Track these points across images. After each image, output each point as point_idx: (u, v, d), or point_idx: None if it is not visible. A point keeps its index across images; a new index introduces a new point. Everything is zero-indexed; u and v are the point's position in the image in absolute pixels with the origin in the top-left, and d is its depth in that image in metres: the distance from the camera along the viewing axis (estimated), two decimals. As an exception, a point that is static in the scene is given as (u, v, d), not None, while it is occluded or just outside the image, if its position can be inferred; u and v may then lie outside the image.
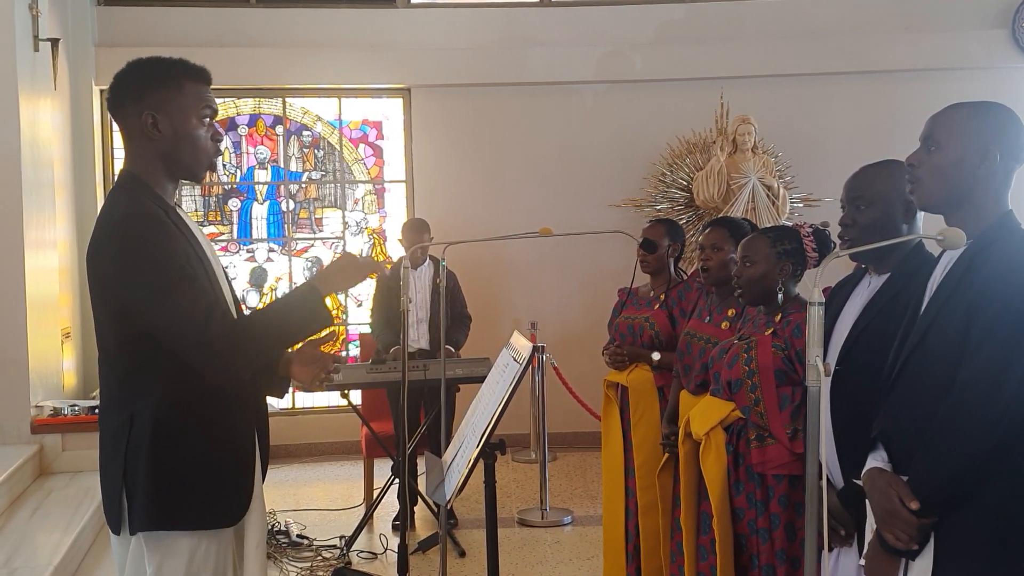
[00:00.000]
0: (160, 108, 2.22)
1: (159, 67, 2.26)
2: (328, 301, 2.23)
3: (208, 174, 2.39)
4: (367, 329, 6.43)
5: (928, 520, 1.99)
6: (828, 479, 2.43)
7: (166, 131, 2.23)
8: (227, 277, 2.41)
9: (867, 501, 2.20)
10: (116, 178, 2.32)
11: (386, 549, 5.19)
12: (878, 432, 2.18)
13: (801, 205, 7.27)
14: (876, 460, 2.15)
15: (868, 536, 2.20)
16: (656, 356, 4.00)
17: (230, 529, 2.25)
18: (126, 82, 2.25)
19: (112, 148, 7.48)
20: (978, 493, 1.97)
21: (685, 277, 4.27)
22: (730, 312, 3.52)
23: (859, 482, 2.25)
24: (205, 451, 2.19)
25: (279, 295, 2.22)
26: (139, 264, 2.10)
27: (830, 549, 2.49)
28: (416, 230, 5.79)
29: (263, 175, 7.81)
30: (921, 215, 2.52)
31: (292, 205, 7.79)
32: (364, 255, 4.83)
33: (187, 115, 2.24)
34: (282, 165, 7.79)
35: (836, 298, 2.62)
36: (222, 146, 2.38)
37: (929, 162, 2.15)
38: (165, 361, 2.14)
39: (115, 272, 2.13)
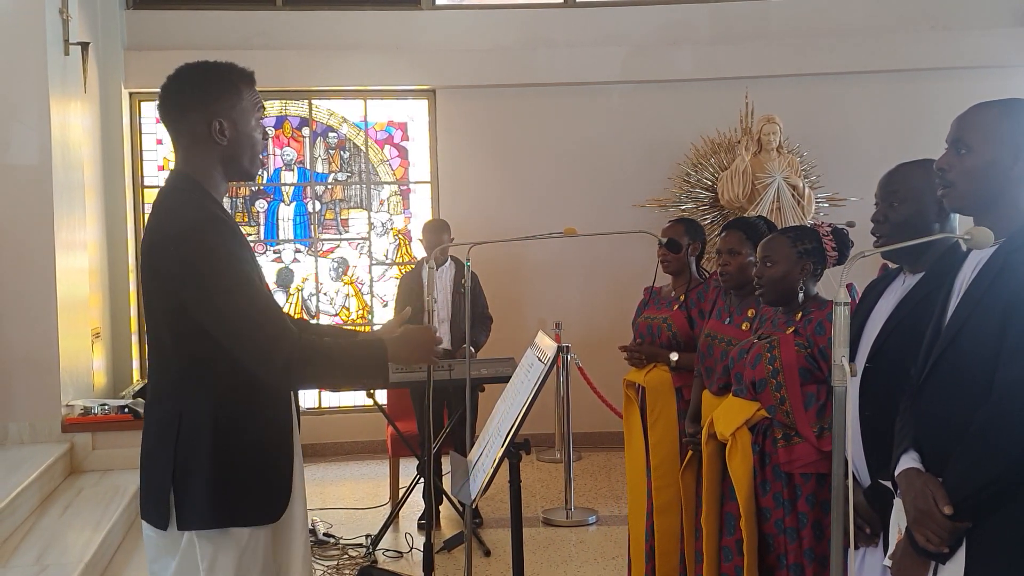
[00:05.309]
0: (226, 114, 2.27)
1: (217, 73, 2.30)
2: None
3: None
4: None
5: (962, 524, 1.96)
6: (855, 477, 2.42)
7: (231, 136, 2.28)
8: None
9: (894, 501, 2.18)
10: (169, 178, 2.34)
11: (412, 548, 5.21)
12: (910, 439, 2.14)
13: (827, 205, 7.23)
14: (911, 460, 2.12)
15: (892, 537, 2.19)
16: (674, 357, 3.98)
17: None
18: (186, 89, 2.29)
19: (141, 150, 7.56)
20: (1013, 499, 1.94)
21: (707, 276, 4.24)
22: (750, 312, 3.50)
23: (885, 483, 2.24)
24: (258, 447, 2.23)
25: (348, 333, 2.36)
26: (213, 270, 2.13)
27: (856, 548, 2.48)
28: (436, 230, 5.80)
29: (289, 176, 7.86)
30: (955, 215, 2.49)
31: (318, 206, 7.84)
32: (440, 346, 5.10)
33: (248, 118, 2.31)
34: (308, 166, 7.84)
35: (868, 296, 2.60)
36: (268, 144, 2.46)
37: (960, 166, 2.11)
38: (220, 358, 2.17)
39: (186, 275, 2.14)
